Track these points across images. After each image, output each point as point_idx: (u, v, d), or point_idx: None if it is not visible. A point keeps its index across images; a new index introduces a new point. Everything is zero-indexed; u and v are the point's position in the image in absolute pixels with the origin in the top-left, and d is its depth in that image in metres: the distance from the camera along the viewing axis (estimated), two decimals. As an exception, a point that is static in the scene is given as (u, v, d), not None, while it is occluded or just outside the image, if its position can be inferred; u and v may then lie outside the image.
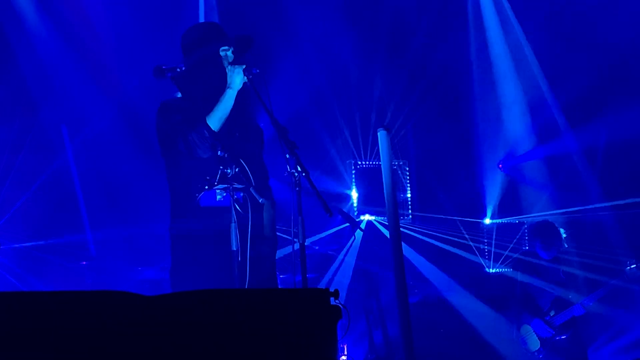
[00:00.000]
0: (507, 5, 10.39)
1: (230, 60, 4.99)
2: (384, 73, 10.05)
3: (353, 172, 9.96)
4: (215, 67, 5.00)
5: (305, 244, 4.52)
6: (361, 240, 8.98)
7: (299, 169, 4.49)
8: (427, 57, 10.15)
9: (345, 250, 9.10)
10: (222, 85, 4.93)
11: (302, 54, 9.49)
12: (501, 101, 10.64)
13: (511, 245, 10.02)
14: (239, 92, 4.93)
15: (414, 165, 10.45)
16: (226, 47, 5.02)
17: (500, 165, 10.82)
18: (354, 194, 9.90)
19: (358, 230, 8.47)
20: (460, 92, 10.52)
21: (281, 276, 6.35)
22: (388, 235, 5.20)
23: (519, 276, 8.30)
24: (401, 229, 5.84)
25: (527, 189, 10.70)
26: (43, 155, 8.54)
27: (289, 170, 4.52)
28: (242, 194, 4.66)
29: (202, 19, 9.01)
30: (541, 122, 10.42)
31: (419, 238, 9.87)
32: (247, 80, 4.86)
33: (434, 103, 10.21)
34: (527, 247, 9.84)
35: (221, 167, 4.47)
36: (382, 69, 10.04)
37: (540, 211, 9.96)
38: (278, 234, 5.26)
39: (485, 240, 10.27)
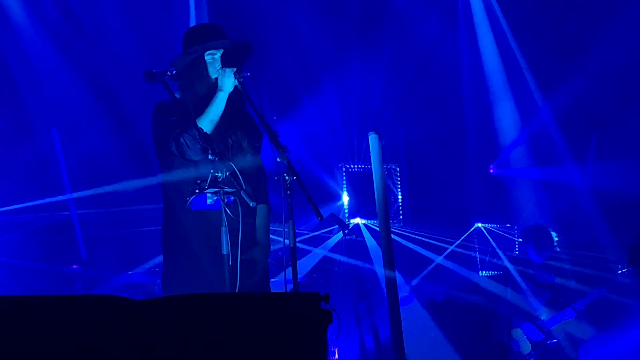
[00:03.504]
0: (500, 15, 10.42)
1: (219, 65, 4.98)
2: (376, 77, 10.05)
3: (344, 175, 9.94)
4: (201, 72, 5.00)
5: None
6: (351, 243, 8.98)
7: (290, 172, 4.48)
8: (421, 62, 10.16)
9: (334, 252, 9.10)
10: (212, 88, 4.92)
11: (294, 56, 9.49)
12: (493, 105, 10.67)
13: (502, 249, 10.02)
14: (234, 96, 4.92)
15: (405, 168, 10.45)
16: (213, 52, 5.01)
17: (492, 170, 10.83)
18: (345, 198, 9.89)
19: (347, 232, 8.46)
20: (452, 96, 10.54)
21: (272, 280, 6.33)
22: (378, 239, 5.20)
23: (510, 280, 8.32)
24: (392, 232, 5.83)
25: (517, 193, 10.73)
26: (35, 157, 8.52)
27: (279, 173, 4.51)
28: (232, 198, 4.64)
29: (192, 20, 9.00)
30: (533, 127, 10.45)
31: (409, 241, 9.86)
32: (237, 84, 4.86)
33: (426, 106, 10.21)
34: (517, 252, 9.85)
35: (212, 171, 4.46)
36: (375, 73, 10.05)
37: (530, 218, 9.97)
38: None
39: (476, 245, 10.27)
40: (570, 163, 10.25)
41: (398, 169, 10.31)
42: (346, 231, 8.47)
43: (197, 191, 4.51)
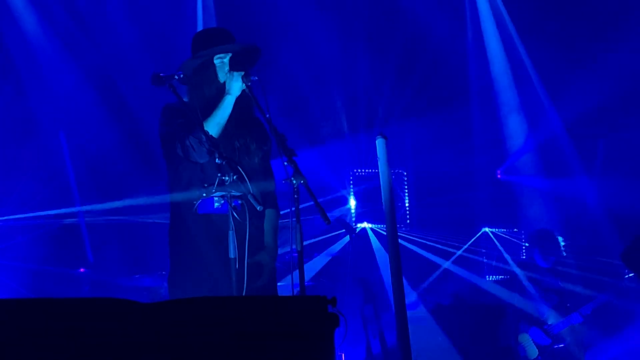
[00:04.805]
0: (508, 20, 10.42)
1: (227, 68, 4.97)
2: (384, 81, 10.06)
3: (351, 179, 9.94)
4: (210, 75, 5.00)
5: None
6: (358, 248, 8.97)
7: (298, 176, 4.48)
8: (429, 66, 10.17)
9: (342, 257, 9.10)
10: (220, 92, 4.92)
11: (300, 57, 9.50)
12: (501, 110, 10.67)
13: (509, 254, 10.01)
14: (242, 99, 4.92)
15: (413, 173, 10.45)
16: (222, 55, 5.00)
17: (499, 175, 10.82)
18: (352, 202, 9.88)
19: (354, 237, 8.45)
20: (460, 100, 10.53)
21: (279, 284, 6.33)
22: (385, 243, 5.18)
23: (517, 285, 8.30)
24: (399, 237, 5.82)
25: (525, 198, 10.72)
26: (42, 159, 8.54)
27: (286, 177, 4.50)
28: (240, 202, 4.64)
29: (200, 23, 9.01)
30: (541, 133, 10.44)
31: (416, 246, 9.85)
32: (245, 87, 4.86)
33: (433, 110, 10.21)
34: (524, 256, 9.83)
35: (219, 175, 4.46)
36: (382, 77, 10.06)
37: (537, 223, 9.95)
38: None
39: (484, 249, 10.26)
40: (577, 169, 10.23)
41: (405, 174, 10.31)
42: (353, 235, 8.46)
43: (204, 195, 4.50)
